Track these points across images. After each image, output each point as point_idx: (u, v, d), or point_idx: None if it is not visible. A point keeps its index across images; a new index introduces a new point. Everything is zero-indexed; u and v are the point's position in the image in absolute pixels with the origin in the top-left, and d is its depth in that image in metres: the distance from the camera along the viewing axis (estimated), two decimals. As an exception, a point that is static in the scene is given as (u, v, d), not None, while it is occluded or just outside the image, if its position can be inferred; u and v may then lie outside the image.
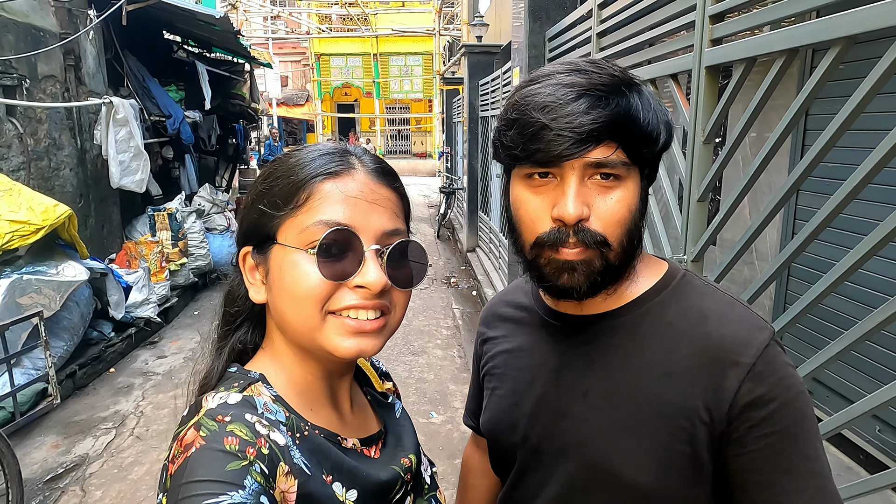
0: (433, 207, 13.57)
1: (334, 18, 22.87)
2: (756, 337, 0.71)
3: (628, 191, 0.72)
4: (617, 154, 0.69)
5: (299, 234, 0.66)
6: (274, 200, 0.68)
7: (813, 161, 1.41)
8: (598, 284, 0.73)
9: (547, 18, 3.94)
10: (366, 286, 0.65)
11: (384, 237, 0.68)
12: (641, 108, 0.70)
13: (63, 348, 4.09)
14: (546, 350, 0.85)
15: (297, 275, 0.65)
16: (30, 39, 4.70)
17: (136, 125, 5.37)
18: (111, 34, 5.81)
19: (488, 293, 6.33)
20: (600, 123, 0.67)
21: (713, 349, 0.72)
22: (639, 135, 0.70)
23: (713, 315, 0.74)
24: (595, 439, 0.77)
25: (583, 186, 0.70)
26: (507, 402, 0.89)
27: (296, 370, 0.71)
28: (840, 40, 1.26)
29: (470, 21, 11.00)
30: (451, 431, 3.76)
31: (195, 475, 0.55)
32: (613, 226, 0.71)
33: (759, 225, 1.63)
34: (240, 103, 8.78)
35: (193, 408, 0.64)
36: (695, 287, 0.79)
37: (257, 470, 0.57)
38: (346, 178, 0.68)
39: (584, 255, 0.71)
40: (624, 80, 0.71)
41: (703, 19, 1.79)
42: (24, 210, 3.78)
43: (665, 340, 0.75)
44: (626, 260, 0.75)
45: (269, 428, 0.61)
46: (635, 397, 0.75)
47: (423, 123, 23.81)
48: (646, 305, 0.78)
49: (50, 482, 3.18)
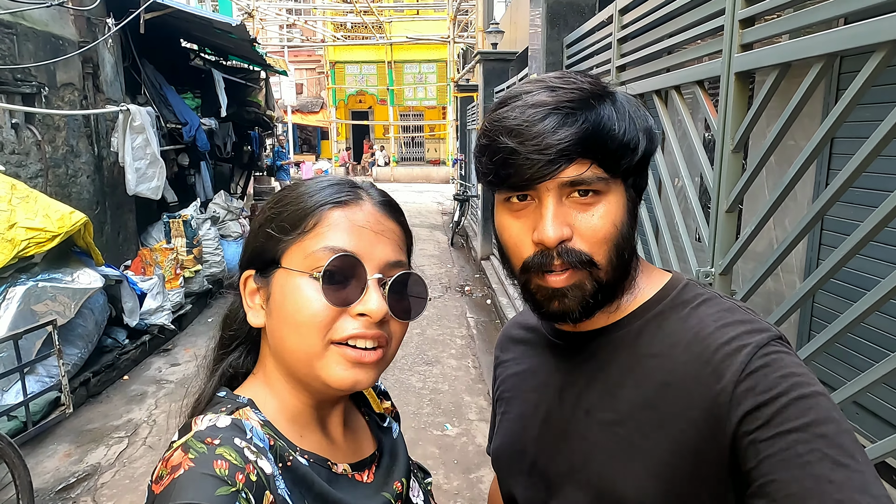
0: (447, 215, 13.53)
1: (349, 26, 23.01)
2: (754, 336, 0.66)
3: (611, 205, 0.69)
4: (592, 170, 0.67)
5: (305, 259, 0.67)
6: (282, 225, 0.69)
7: (852, 174, 1.34)
8: (593, 306, 0.71)
9: (565, 25, 3.88)
10: (367, 314, 0.65)
11: (387, 268, 0.69)
12: (616, 119, 0.68)
13: (77, 355, 4.09)
14: (551, 370, 0.83)
15: (300, 299, 0.66)
16: (49, 48, 4.74)
17: (152, 132, 5.39)
18: (129, 42, 5.85)
19: (503, 302, 6.26)
20: (569, 142, 0.66)
21: (708, 353, 0.67)
22: (613, 147, 0.68)
23: (711, 320, 0.70)
24: (597, 461, 0.73)
25: (561, 206, 0.69)
26: (515, 426, 0.87)
27: (287, 397, 0.71)
28: (886, 44, 1.19)
29: (485, 28, 10.99)
30: (467, 444, 3.68)
31: (183, 497, 0.54)
32: (599, 243, 0.69)
33: (792, 241, 1.56)
34: (255, 110, 8.83)
35: (182, 430, 0.64)
36: (696, 295, 0.75)
37: (245, 497, 0.56)
38: (355, 208, 0.70)
39: (574, 280, 0.69)
40: (594, 92, 0.69)
41: (733, 24, 1.73)
42: (40, 217, 3.79)
43: (664, 350, 0.71)
44: (620, 276, 0.72)
45: (258, 455, 0.61)
46: (635, 413, 0.71)
47: (437, 130, 23.83)
48: (644, 317, 0.75)
49: (61, 492, 3.15)
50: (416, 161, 24.46)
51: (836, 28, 1.35)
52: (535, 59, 4.29)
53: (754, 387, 0.63)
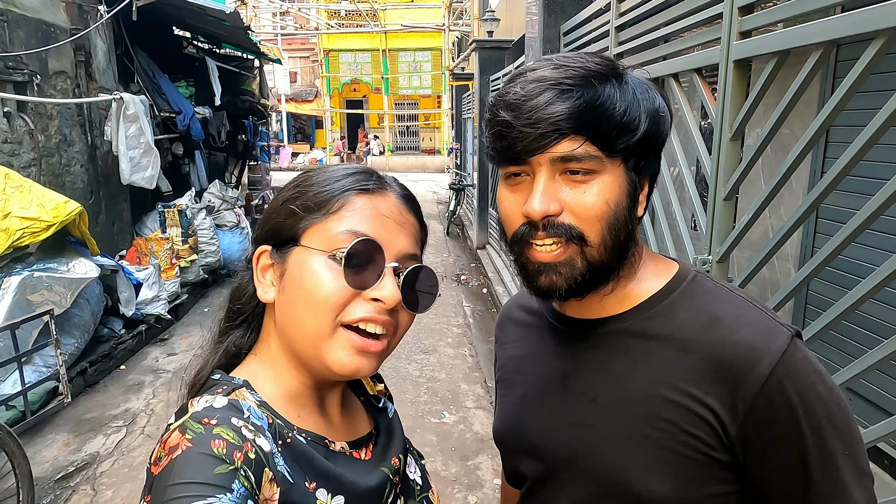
0: (442, 204, 13.51)
1: (343, 14, 22.80)
2: (773, 343, 0.66)
3: (605, 184, 0.69)
4: (585, 147, 0.67)
5: (326, 240, 0.67)
6: (306, 204, 0.70)
7: (849, 163, 1.34)
8: (581, 285, 0.71)
9: (562, 12, 3.87)
10: (381, 299, 0.66)
11: (404, 258, 0.71)
12: (616, 98, 0.68)
13: (74, 346, 4.08)
14: (554, 355, 0.83)
15: (317, 278, 0.66)
16: (40, 35, 4.68)
17: (146, 121, 5.35)
18: (121, 30, 5.78)
19: (499, 291, 6.27)
20: (560, 117, 0.66)
21: (726, 356, 0.68)
22: (610, 126, 0.67)
23: (726, 319, 0.70)
24: (605, 448, 0.74)
25: (552, 182, 0.69)
26: (515, 409, 0.87)
27: (287, 376, 0.72)
28: (886, 31, 1.20)
29: (481, 16, 10.92)
30: (464, 432, 3.71)
31: (182, 477, 0.54)
32: (590, 220, 0.69)
33: (788, 230, 1.57)
34: (249, 99, 8.76)
35: (179, 412, 0.64)
36: (707, 289, 0.75)
37: (244, 475, 0.57)
38: (380, 197, 0.71)
39: (565, 255, 0.70)
40: (599, 72, 0.69)
41: (732, 11, 1.72)
42: (34, 207, 3.76)
43: (675, 345, 0.72)
44: (613, 258, 0.72)
45: (255, 433, 0.62)
46: (645, 405, 0.72)
47: (432, 119, 23.73)
48: (654, 308, 0.75)
49: (61, 481, 3.16)
50: (410, 150, 24.37)
51: (835, 15, 1.35)
52: (532, 48, 4.27)
53: (772, 400, 0.65)
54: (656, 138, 0.72)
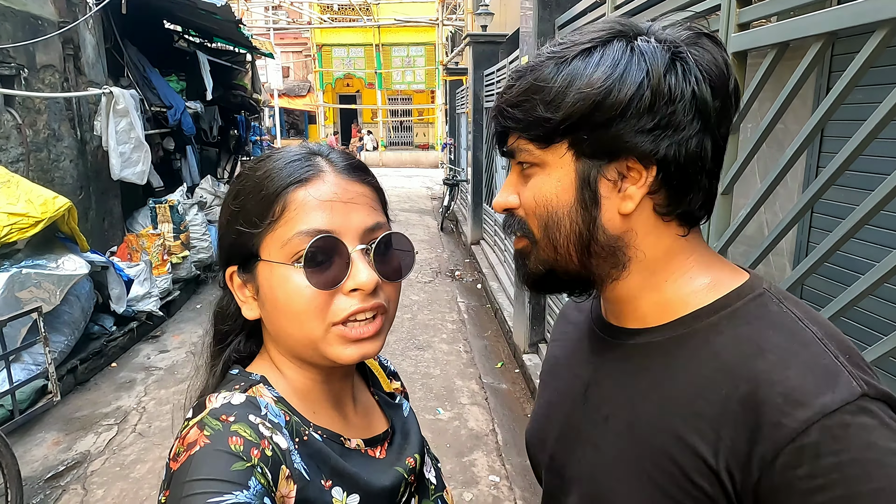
0: (436, 199, 13.47)
1: (336, 8, 22.65)
2: (824, 394, 0.51)
3: (542, 178, 0.64)
4: (518, 141, 0.64)
5: (282, 249, 0.65)
6: (249, 218, 0.67)
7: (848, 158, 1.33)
8: (545, 283, 0.69)
9: (557, 6, 3.84)
10: (360, 287, 0.65)
11: (366, 234, 0.68)
12: (552, 77, 0.60)
13: (64, 343, 4.03)
14: (583, 362, 0.76)
15: (289, 290, 0.65)
16: (28, 28, 4.60)
17: (136, 116, 5.28)
18: (111, 23, 5.70)
19: (493, 286, 6.26)
20: (500, 111, 0.64)
21: (755, 396, 0.54)
22: (536, 113, 0.61)
23: (774, 350, 0.56)
24: (604, 475, 0.67)
25: (517, 175, 0.68)
26: (542, 413, 0.83)
27: (295, 376, 0.71)
28: (887, 22, 1.18)
29: (474, 10, 10.86)
30: (459, 428, 3.69)
31: (199, 473, 0.55)
32: (531, 217, 0.66)
33: (784, 227, 1.55)
34: (241, 94, 8.69)
35: (197, 408, 0.65)
36: (768, 312, 0.60)
37: (261, 472, 0.57)
38: (318, 183, 0.67)
39: (520, 246, 0.69)
40: (562, 53, 0.61)
41: (730, 3, 1.70)
42: (22, 202, 3.70)
43: (704, 373, 0.59)
44: (562, 260, 0.65)
45: (272, 430, 0.62)
46: (654, 437, 0.61)
47: (426, 115, 23.66)
48: (694, 326, 0.63)
49: (51, 480, 3.12)
50: (404, 146, 24.28)
51: (836, 6, 1.33)
52: (526, 42, 4.24)
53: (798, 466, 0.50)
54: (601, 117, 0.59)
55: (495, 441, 3.55)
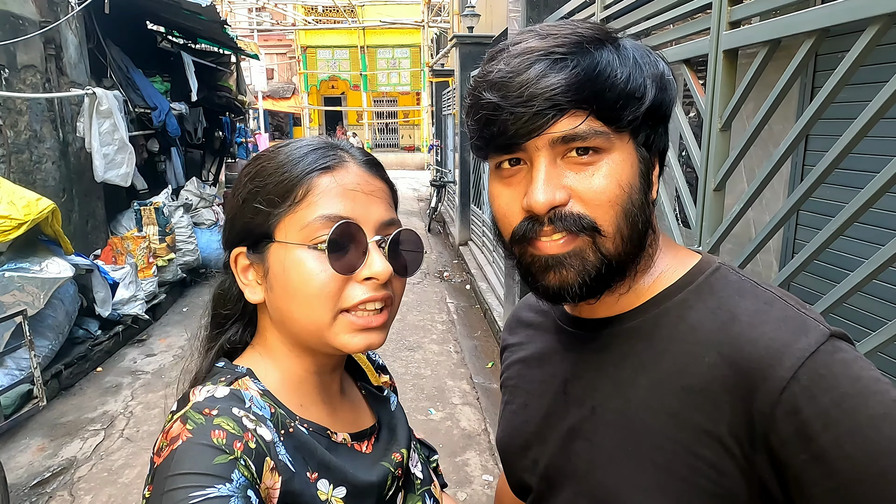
0: (423, 201, 13.47)
1: (321, 10, 22.56)
2: (799, 340, 0.55)
3: (616, 164, 0.60)
4: (588, 123, 0.58)
5: (301, 231, 0.66)
6: (269, 198, 0.67)
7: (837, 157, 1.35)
8: (595, 282, 0.61)
9: (545, 6, 3.85)
10: (374, 277, 0.65)
11: (382, 227, 0.69)
12: (617, 64, 0.59)
13: (48, 347, 3.96)
14: (558, 360, 0.75)
15: (305, 272, 0.65)
16: (8, 27, 4.52)
17: (120, 117, 5.20)
18: (93, 23, 5.62)
19: (482, 287, 6.26)
20: (556, 90, 0.56)
21: (741, 358, 0.56)
22: (614, 96, 0.58)
23: (745, 314, 0.59)
24: (601, 467, 0.65)
25: (555, 167, 0.60)
26: (518, 419, 0.79)
27: (288, 365, 0.72)
28: (880, 18, 1.20)
29: (461, 12, 10.88)
30: (451, 428, 3.69)
31: (182, 468, 0.55)
32: (604, 207, 0.59)
33: (778, 223, 1.57)
34: (226, 95, 8.60)
35: (181, 401, 0.64)
36: (729, 282, 0.64)
37: (244, 464, 0.57)
38: (342, 172, 0.68)
39: (572, 246, 0.60)
40: (593, 36, 0.60)
41: (721, 1, 1.72)
42: (4, 204, 3.63)
43: (685, 347, 0.61)
44: (631, 250, 0.62)
45: (256, 423, 0.62)
46: (649, 417, 0.62)
47: (411, 117, 23.64)
48: (665, 305, 0.65)
49: (36, 487, 3.06)
50: (390, 147, 24.24)
51: (828, 3, 1.35)
52: (515, 42, 4.25)
53: (798, 411, 0.53)
54: (664, 107, 0.62)
55: (488, 440, 3.55)
